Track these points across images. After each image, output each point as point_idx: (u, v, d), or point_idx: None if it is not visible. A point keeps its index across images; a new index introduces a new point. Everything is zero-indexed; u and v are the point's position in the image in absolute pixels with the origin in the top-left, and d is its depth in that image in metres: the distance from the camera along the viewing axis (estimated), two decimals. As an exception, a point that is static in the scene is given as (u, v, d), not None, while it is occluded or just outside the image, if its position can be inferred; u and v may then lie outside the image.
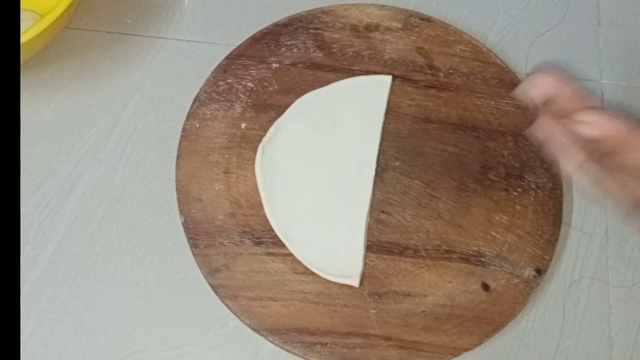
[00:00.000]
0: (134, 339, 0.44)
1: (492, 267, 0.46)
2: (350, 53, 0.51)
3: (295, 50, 0.51)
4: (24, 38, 0.43)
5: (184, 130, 0.48)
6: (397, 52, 0.52)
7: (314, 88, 0.50)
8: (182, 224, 0.46)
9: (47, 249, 0.46)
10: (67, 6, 0.44)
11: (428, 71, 0.51)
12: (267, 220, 0.46)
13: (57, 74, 0.51)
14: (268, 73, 0.50)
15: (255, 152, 0.48)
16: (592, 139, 0.35)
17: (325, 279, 0.45)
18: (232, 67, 0.50)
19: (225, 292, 0.44)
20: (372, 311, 0.44)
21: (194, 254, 0.45)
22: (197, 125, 0.49)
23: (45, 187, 0.48)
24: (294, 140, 0.48)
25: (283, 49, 0.51)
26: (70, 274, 0.46)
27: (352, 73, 0.51)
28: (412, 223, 0.47)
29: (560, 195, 0.48)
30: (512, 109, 0.50)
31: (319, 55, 0.51)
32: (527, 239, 0.46)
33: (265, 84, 0.50)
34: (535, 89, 0.36)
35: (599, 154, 0.35)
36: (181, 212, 0.46)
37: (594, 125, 0.35)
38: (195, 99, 0.49)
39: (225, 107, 0.49)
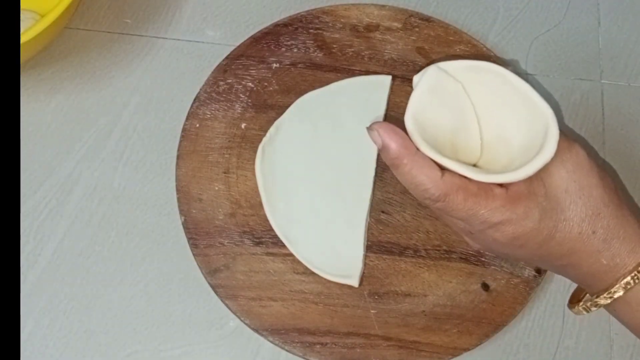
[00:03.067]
0: (134, 339, 0.44)
1: (492, 267, 0.46)
2: (350, 53, 0.51)
3: (295, 50, 0.51)
4: (24, 38, 0.43)
5: (184, 130, 0.48)
6: (397, 52, 0.52)
7: (314, 88, 0.50)
8: (182, 224, 0.46)
9: (47, 249, 0.46)
10: (67, 6, 0.44)
11: (428, 71, 0.51)
12: (267, 220, 0.46)
13: (57, 74, 0.51)
14: (268, 73, 0.50)
15: (255, 152, 0.48)
16: (379, 149, 0.36)
17: (325, 279, 0.45)
18: (232, 67, 0.50)
19: (225, 292, 0.44)
20: (372, 311, 0.44)
21: (194, 254, 0.45)
22: (197, 125, 0.49)
23: (45, 187, 0.48)
24: (294, 140, 0.48)
25: (283, 49, 0.51)
26: (70, 274, 0.46)
27: (352, 73, 0.51)
28: (412, 223, 0.47)
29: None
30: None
31: (319, 55, 0.51)
32: (527, 239, 0.46)
33: (265, 84, 0.50)
34: (370, 134, 0.36)
35: (389, 165, 0.36)
36: (181, 212, 0.46)
37: (375, 134, 0.35)
38: (195, 99, 0.49)
39: (225, 107, 0.49)
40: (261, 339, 0.44)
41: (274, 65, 0.51)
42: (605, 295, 0.36)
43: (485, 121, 0.38)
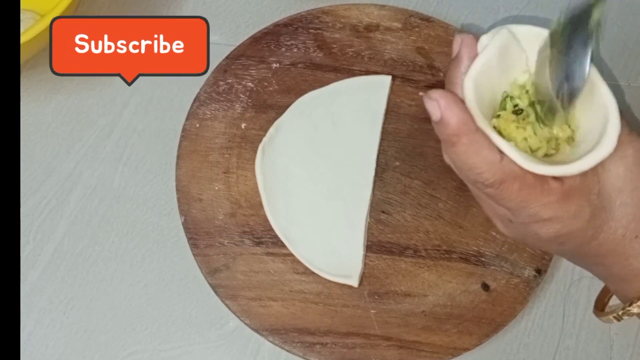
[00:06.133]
0: (134, 339, 0.44)
1: (492, 267, 0.46)
2: (350, 53, 0.51)
3: (295, 50, 0.51)
4: (24, 38, 0.43)
5: (184, 130, 0.48)
6: (397, 52, 0.52)
7: (314, 88, 0.50)
8: (182, 224, 0.46)
9: (47, 249, 0.46)
10: (67, 6, 0.44)
11: (428, 71, 0.51)
12: (267, 220, 0.46)
13: (57, 74, 0.51)
14: (268, 73, 0.50)
15: (255, 152, 0.48)
16: (435, 121, 0.32)
17: (325, 279, 0.45)
18: (232, 67, 0.50)
19: (225, 292, 0.44)
20: (372, 311, 0.44)
21: (194, 254, 0.45)
22: (197, 125, 0.49)
23: (45, 187, 0.48)
24: (294, 140, 0.48)
25: (283, 49, 0.51)
26: (70, 274, 0.46)
27: (352, 73, 0.51)
28: (412, 223, 0.47)
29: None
30: (512, 109, 0.50)
31: (319, 55, 0.51)
32: (527, 239, 0.46)
33: (265, 84, 0.50)
34: (428, 103, 0.32)
35: (442, 141, 0.33)
36: (181, 212, 0.46)
37: (434, 105, 0.31)
38: (195, 99, 0.49)
39: (225, 107, 0.49)
40: (261, 339, 0.44)
41: (274, 65, 0.51)
42: (639, 303, 0.34)
43: None
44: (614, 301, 0.41)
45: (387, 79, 0.50)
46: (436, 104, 0.31)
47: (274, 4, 0.54)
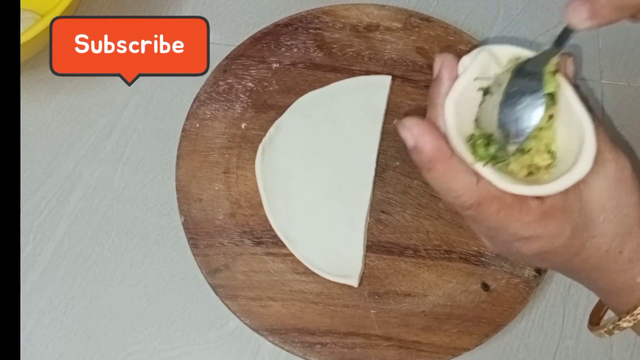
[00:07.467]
0: (134, 339, 0.44)
1: (492, 267, 0.46)
2: (350, 53, 0.51)
3: (295, 50, 0.51)
4: (24, 38, 0.43)
5: (184, 130, 0.48)
6: (397, 52, 0.52)
7: (314, 88, 0.50)
8: (182, 224, 0.46)
9: (47, 249, 0.46)
10: (67, 6, 0.44)
11: (428, 71, 0.51)
12: (267, 220, 0.46)
13: (57, 74, 0.51)
14: (268, 73, 0.50)
15: (255, 152, 0.48)
16: (410, 149, 0.32)
17: (325, 279, 0.45)
18: (232, 67, 0.50)
19: (225, 292, 0.44)
20: (372, 311, 0.44)
21: (194, 254, 0.45)
22: (197, 125, 0.49)
23: (45, 187, 0.48)
24: (294, 140, 0.48)
25: (283, 49, 0.51)
26: (70, 274, 0.46)
27: (352, 73, 0.51)
28: (412, 223, 0.47)
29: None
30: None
31: (319, 55, 0.51)
32: (527, 239, 0.46)
33: (265, 84, 0.50)
34: (402, 131, 0.32)
35: (418, 167, 0.33)
36: (181, 212, 0.46)
37: (408, 133, 0.32)
38: (195, 99, 0.49)
39: (225, 107, 0.49)
40: (261, 339, 0.44)
41: (274, 65, 0.51)
42: (628, 318, 0.34)
43: None
44: (609, 314, 0.41)
45: (387, 79, 0.50)
46: (410, 132, 0.32)
47: (274, 4, 0.54)
